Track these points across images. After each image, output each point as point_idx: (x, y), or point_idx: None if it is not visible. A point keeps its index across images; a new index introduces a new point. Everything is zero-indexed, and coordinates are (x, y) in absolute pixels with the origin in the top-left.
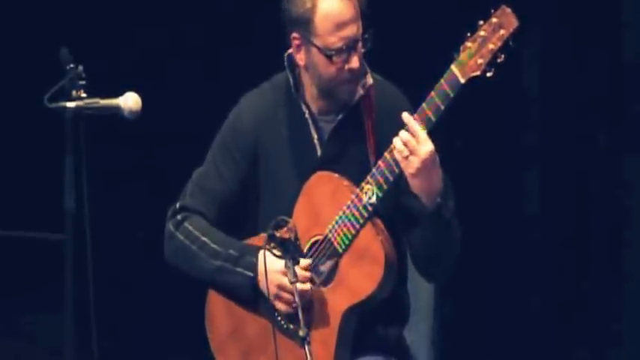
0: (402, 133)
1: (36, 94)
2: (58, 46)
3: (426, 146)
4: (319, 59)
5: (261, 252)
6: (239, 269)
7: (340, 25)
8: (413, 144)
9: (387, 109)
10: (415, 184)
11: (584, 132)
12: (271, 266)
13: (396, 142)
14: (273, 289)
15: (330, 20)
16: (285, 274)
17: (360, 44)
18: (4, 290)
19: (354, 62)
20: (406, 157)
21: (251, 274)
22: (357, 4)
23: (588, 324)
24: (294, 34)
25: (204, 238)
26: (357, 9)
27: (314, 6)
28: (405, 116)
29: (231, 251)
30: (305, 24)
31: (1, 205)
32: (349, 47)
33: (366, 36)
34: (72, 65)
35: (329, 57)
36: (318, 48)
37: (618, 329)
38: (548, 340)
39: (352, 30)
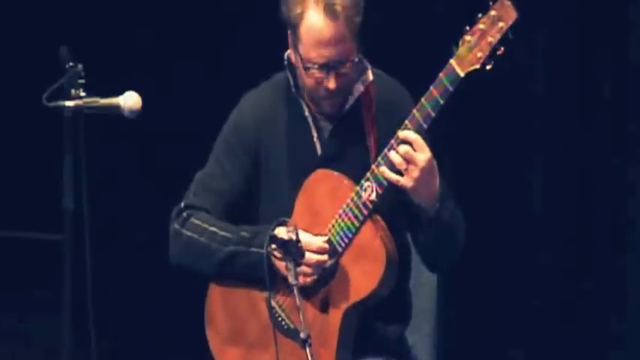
0: (400, 147)
1: (35, 92)
2: (58, 45)
3: (424, 154)
4: (300, 67)
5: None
6: (254, 249)
7: (320, 43)
8: (411, 154)
9: (387, 104)
10: (415, 194)
11: (588, 131)
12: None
13: (394, 156)
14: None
15: (311, 35)
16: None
17: (345, 65)
18: (2, 290)
19: (330, 83)
20: (405, 169)
21: (266, 251)
22: (344, 27)
23: (590, 325)
24: (289, 31)
25: (212, 229)
26: (342, 31)
27: (302, 14)
28: (401, 134)
29: (243, 233)
30: (293, 28)
31: (0, 204)
32: (328, 66)
33: (356, 60)
34: (71, 64)
35: (306, 69)
36: (300, 56)
37: (620, 330)
38: (551, 341)
39: (332, 52)
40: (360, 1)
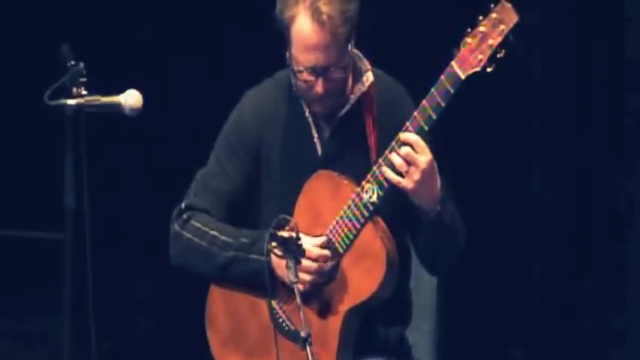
0: (401, 149)
1: (37, 91)
2: (60, 43)
3: (425, 156)
4: (293, 69)
5: None
6: (253, 256)
7: (308, 48)
8: (412, 156)
9: (388, 104)
10: (416, 197)
11: (586, 128)
12: None
13: (395, 158)
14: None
15: (300, 39)
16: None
17: (332, 70)
18: (3, 290)
19: (319, 87)
20: (405, 171)
21: (267, 259)
22: (330, 36)
23: (590, 324)
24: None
25: (212, 232)
26: (328, 40)
27: (292, 18)
28: (402, 135)
29: (243, 239)
30: (286, 29)
31: (0, 203)
32: (316, 72)
33: (344, 65)
34: (73, 62)
35: (297, 72)
36: (292, 58)
37: (620, 328)
38: (551, 340)
39: (319, 57)
40: (350, 9)
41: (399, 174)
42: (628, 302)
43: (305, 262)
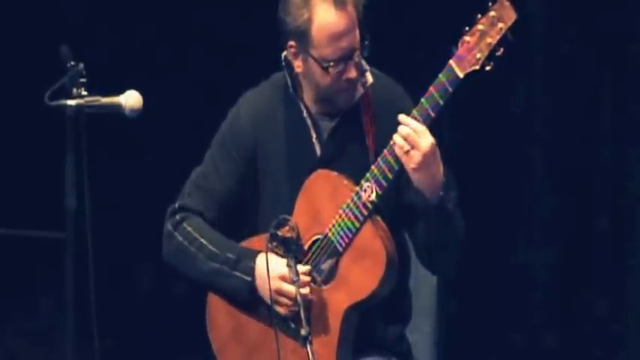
0: (402, 129)
1: (37, 91)
2: (59, 43)
3: (426, 139)
4: (316, 69)
5: (260, 256)
6: (237, 273)
7: (336, 37)
8: (413, 138)
9: (386, 105)
10: (417, 179)
11: (588, 126)
12: (270, 271)
13: (396, 138)
14: (271, 294)
15: (326, 32)
16: (283, 278)
17: (357, 53)
18: (4, 289)
19: (351, 72)
20: (407, 152)
21: (249, 279)
22: (353, 14)
23: (591, 325)
24: (291, 42)
25: (202, 240)
26: (353, 19)
27: (310, 18)
28: (402, 117)
29: (229, 254)
30: (301, 35)
31: (1, 203)
32: (346, 57)
33: (366, 43)
34: (73, 63)
35: (325, 68)
36: (315, 59)
37: (621, 330)
38: (551, 340)
39: (348, 41)
40: None
41: (402, 167)
42: (629, 303)
43: (287, 288)
